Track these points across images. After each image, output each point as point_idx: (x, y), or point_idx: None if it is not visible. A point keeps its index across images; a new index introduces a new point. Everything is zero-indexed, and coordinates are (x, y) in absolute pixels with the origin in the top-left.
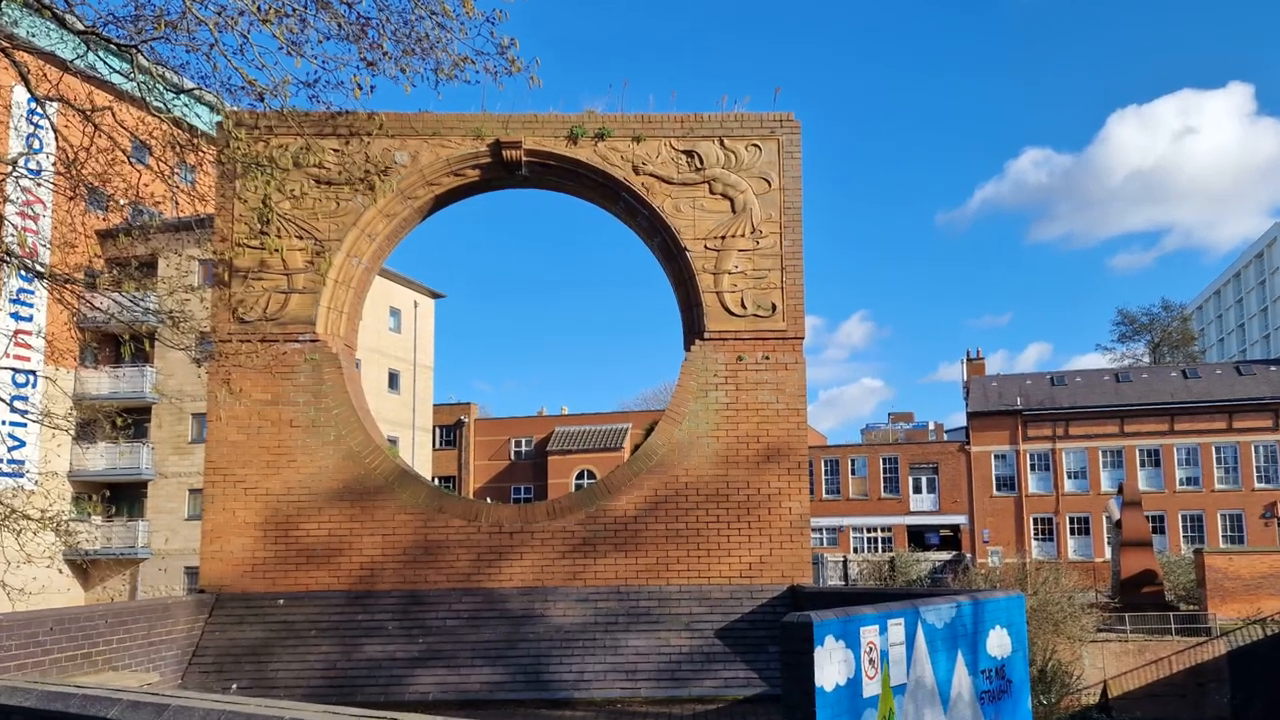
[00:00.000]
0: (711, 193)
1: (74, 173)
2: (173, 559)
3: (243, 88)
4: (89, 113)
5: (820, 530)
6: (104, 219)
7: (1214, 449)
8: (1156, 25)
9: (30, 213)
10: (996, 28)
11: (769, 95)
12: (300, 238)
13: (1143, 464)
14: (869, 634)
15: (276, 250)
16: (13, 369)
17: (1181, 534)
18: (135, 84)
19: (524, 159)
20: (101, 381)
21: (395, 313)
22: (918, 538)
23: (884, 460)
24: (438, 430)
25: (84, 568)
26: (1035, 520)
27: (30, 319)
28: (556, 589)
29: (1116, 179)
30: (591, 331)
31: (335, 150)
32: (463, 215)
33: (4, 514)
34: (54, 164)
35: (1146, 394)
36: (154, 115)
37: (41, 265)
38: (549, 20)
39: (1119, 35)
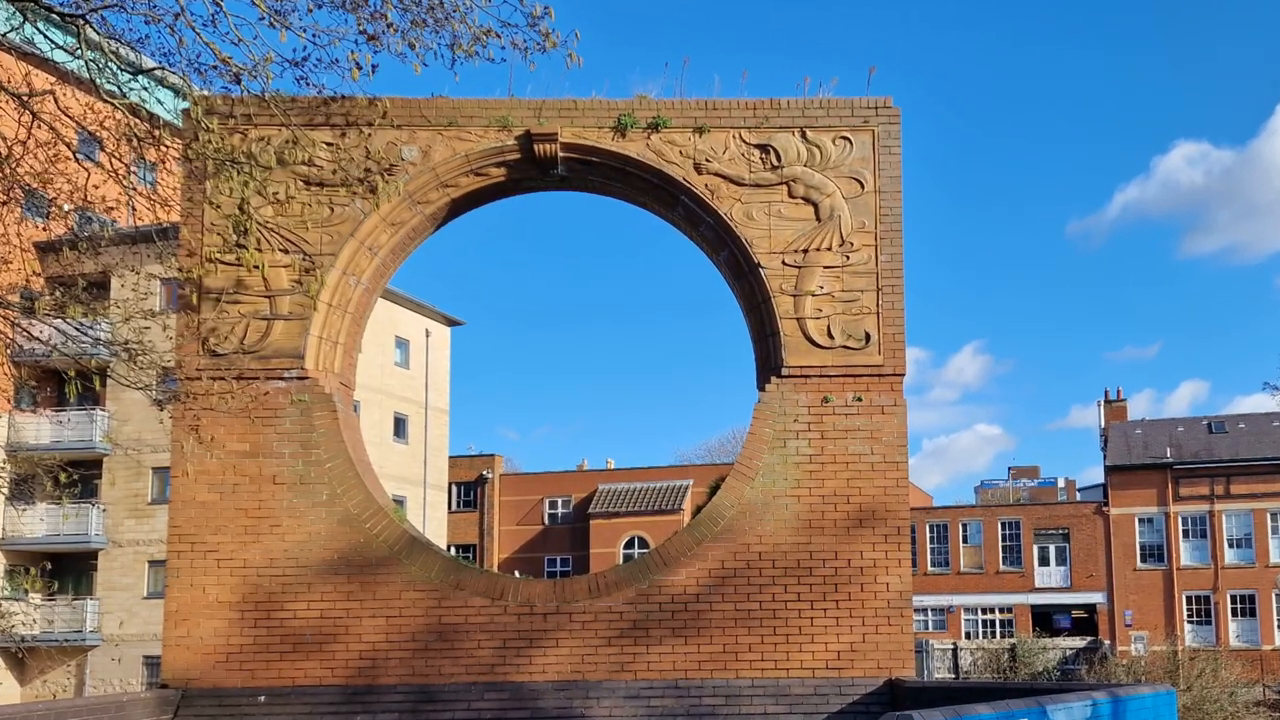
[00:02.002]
0: (791, 196)
1: (7, 171)
2: (129, 646)
3: (215, 67)
4: (26, 98)
5: (925, 611)
6: (44, 229)
7: None
8: None
9: None
10: None
11: (861, 76)
12: (285, 251)
13: None
14: None
15: (256, 267)
16: None
17: None
18: (83, 63)
19: (560, 154)
20: (41, 428)
21: (402, 344)
22: (1044, 620)
23: (1003, 525)
24: (455, 488)
25: (20, 657)
26: (1189, 599)
27: None
28: (600, 683)
29: None
30: (644, 368)
31: (328, 144)
32: (485, 224)
33: None
34: None
35: None
36: (105, 101)
37: None
38: None
39: None
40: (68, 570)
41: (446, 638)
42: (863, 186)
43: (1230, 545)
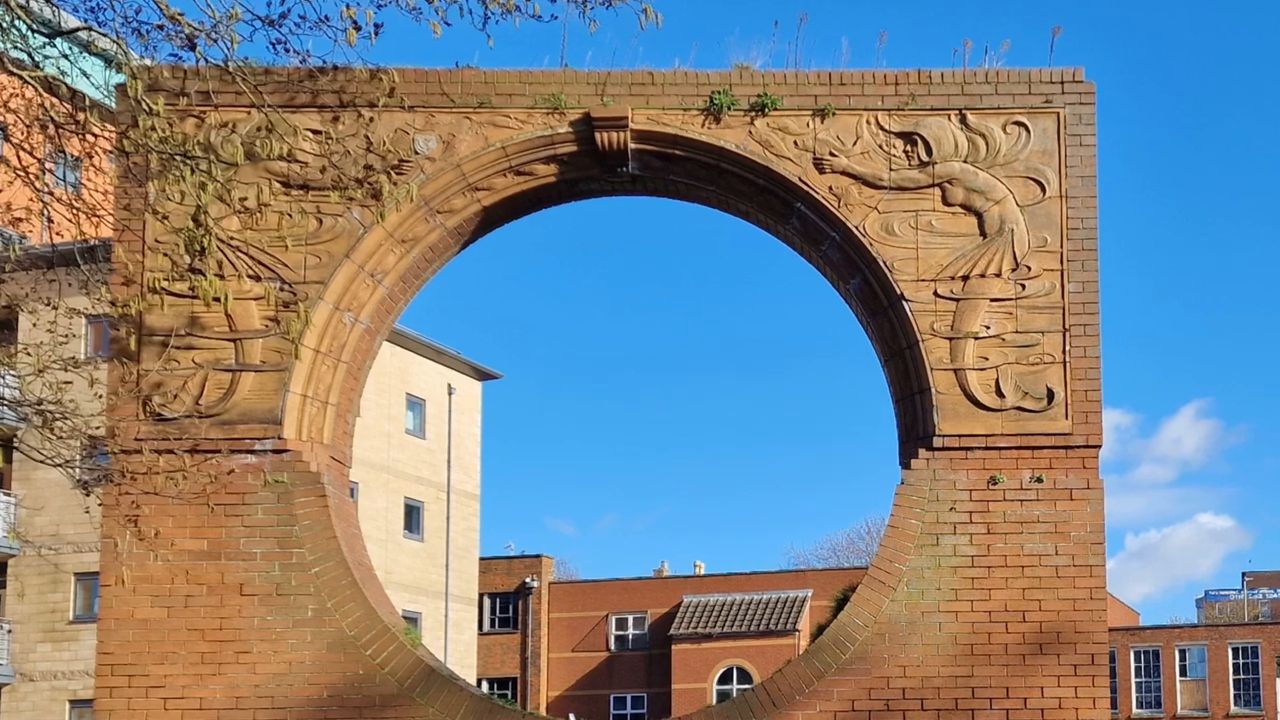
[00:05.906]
0: (946, 203)
1: None
2: None
3: (160, 27)
4: None
5: None
6: None
7: None
8: None
9: None
10: None
11: (1040, 39)
12: (257, 278)
13: None
14: None
15: (217, 299)
16: None
17: None
18: None
19: (632, 146)
20: None
21: (416, 405)
22: None
23: (1235, 651)
24: (488, 601)
25: None
26: None
27: None
28: None
29: None
30: (744, 438)
31: (316, 132)
32: (530, 242)
33: None
34: None
35: None
36: (12, 73)
37: None
38: None
39: None
40: None
41: None
42: (1044, 190)
43: None
